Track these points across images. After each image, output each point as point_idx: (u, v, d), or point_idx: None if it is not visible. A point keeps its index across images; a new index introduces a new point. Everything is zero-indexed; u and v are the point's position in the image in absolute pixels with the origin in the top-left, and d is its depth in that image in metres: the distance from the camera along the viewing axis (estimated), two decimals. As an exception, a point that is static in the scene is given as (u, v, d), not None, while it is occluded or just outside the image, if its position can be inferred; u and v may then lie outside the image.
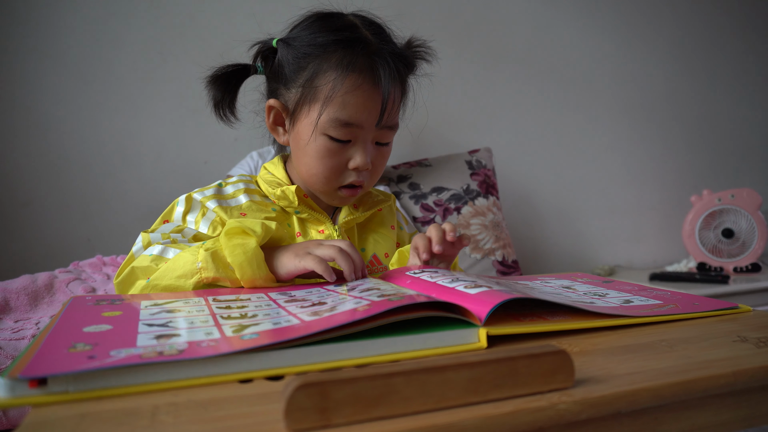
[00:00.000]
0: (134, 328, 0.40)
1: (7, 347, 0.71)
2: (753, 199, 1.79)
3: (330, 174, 0.71)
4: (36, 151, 1.40)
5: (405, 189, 1.47)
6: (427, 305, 0.45)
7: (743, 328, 0.47)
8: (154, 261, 0.63)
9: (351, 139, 0.70)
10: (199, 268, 0.59)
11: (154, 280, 0.61)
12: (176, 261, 0.61)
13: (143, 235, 0.67)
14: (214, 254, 0.59)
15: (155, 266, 0.62)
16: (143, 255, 0.64)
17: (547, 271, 1.88)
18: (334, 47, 0.68)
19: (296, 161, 0.75)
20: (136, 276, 0.63)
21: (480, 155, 1.58)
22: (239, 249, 0.58)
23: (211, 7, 1.52)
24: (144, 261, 0.63)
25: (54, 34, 1.40)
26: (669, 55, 2.10)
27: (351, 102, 0.68)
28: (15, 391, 0.31)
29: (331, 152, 0.70)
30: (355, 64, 0.67)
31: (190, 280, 0.59)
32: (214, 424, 0.29)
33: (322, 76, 0.68)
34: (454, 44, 1.78)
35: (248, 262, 0.58)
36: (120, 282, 0.64)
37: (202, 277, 0.59)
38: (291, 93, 0.72)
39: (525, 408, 0.31)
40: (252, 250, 0.59)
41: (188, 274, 0.59)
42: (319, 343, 0.38)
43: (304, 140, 0.71)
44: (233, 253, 0.58)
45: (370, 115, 0.69)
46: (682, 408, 0.36)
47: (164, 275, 0.61)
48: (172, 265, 0.61)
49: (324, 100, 0.68)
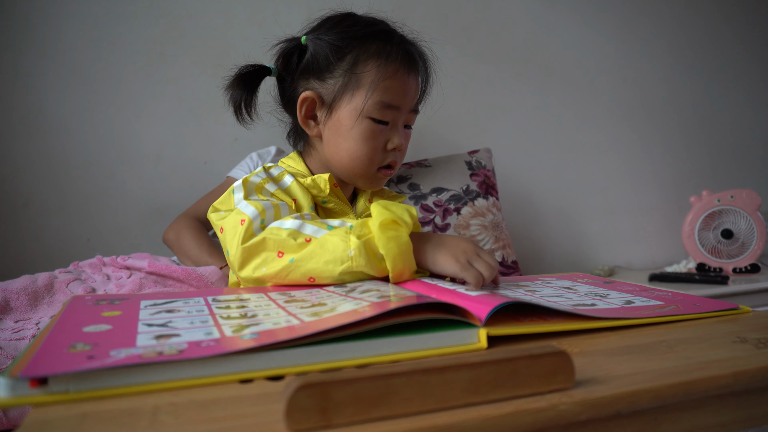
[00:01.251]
0: (134, 328, 0.40)
1: (8, 347, 0.71)
2: (752, 199, 1.80)
3: (373, 155, 0.77)
4: (35, 151, 1.40)
5: (405, 190, 1.47)
6: (426, 306, 0.45)
7: (743, 329, 0.47)
8: (291, 235, 0.61)
9: (389, 122, 0.77)
10: (351, 256, 0.58)
11: (298, 261, 0.59)
12: (324, 244, 0.60)
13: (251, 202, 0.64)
14: (367, 243, 0.59)
15: (293, 240, 0.60)
16: (275, 226, 0.62)
17: (547, 272, 1.88)
18: (372, 38, 0.76)
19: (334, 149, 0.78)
20: (266, 246, 0.61)
21: (480, 156, 1.58)
22: (393, 242, 0.58)
23: (211, 8, 1.52)
24: (278, 233, 0.61)
25: (54, 35, 1.40)
26: (669, 56, 2.10)
27: (393, 86, 0.75)
28: (16, 390, 0.31)
29: (375, 134, 0.76)
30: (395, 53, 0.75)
31: (339, 267, 0.58)
32: (215, 424, 0.29)
33: (363, 64, 0.75)
34: (454, 44, 1.78)
35: (401, 256, 0.58)
36: (247, 248, 0.61)
37: (352, 266, 0.58)
38: (328, 84, 0.77)
39: (525, 409, 0.31)
40: (405, 243, 0.59)
41: (338, 260, 0.58)
42: (319, 344, 0.38)
43: (347, 126, 0.76)
44: (387, 246, 0.58)
45: (408, 98, 0.77)
46: (682, 409, 0.36)
47: (310, 257, 0.59)
48: (319, 248, 0.59)
49: (369, 85, 0.74)
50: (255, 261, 0.62)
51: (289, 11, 1.56)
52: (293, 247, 0.60)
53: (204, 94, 1.49)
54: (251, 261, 0.62)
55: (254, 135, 0.83)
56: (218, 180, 1.38)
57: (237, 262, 0.62)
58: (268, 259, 0.61)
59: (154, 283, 0.92)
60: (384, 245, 0.58)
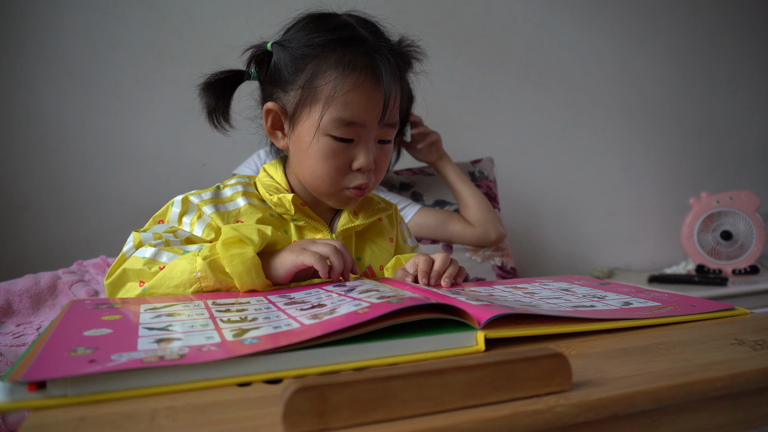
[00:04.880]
0: (134, 332, 0.40)
1: (8, 354, 0.71)
2: (751, 201, 1.80)
3: (335, 174, 0.71)
4: (34, 153, 1.40)
5: (408, 198, 1.47)
6: (425, 308, 0.45)
7: (740, 331, 0.47)
8: (147, 264, 0.62)
9: (354, 139, 0.69)
10: (198, 277, 0.59)
11: (150, 289, 0.61)
12: (173, 269, 0.60)
13: (135, 234, 0.66)
14: (212, 263, 0.59)
15: (148, 270, 0.62)
16: (135, 256, 0.64)
17: (546, 274, 1.88)
18: (332, 46, 0.68)
19: (297, 165, 0.74)
20: (128, 278, 0.62)
21: (482, 166, 1.57)
22: (237, 259, 0.58)
23: (209, 9, 1.52)
24: (136, 263, 0.62)
25: (53, 37, 1.40)
26: (668, 58, 2.11)
27: (353, 101, 0.67)
28: (14, 394, 0.31)
29: (335, 152, 0.69)
30: (355, 63, 0.67)
31: (188, 289, 0.59)
32: (213, 427, 0.29)
33: (322, 77, 0.68)
34: (453, 48, 1.78)
35: (247, 272, 0.59)
36: (111, 283, 0.63)
37: (201, 287, 0.59)
38: (290, 96, 0.71)
39: (523, 411, 0.31)
40: (250, 260, 0.59)
41: (186, 283, 0.59)
42: (317, 347, 0.38)
43: (306, 142, 0.70)
44: (232, 263, 0.58)
45: (372, 113, 0.69)
46: (679, 411, 0.36)
47: (160, 284, 0.60)
48: (169, 274, 0.60)
49: (325, 100, 0.67)
50: (120, 293, 0.63)
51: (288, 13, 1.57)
52: (149, 275, 0.61)
53: (203, 96, 1.49)
54: (117, 294, 0.63)
55: (253, 137, 0.83)
56: (217, 180, 1.38)
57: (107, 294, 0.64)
58: (130, 289, 0.62)
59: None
60: (228, 263, 0.58)
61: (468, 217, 1.35)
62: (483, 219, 1.33)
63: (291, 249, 0.62)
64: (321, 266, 0.60)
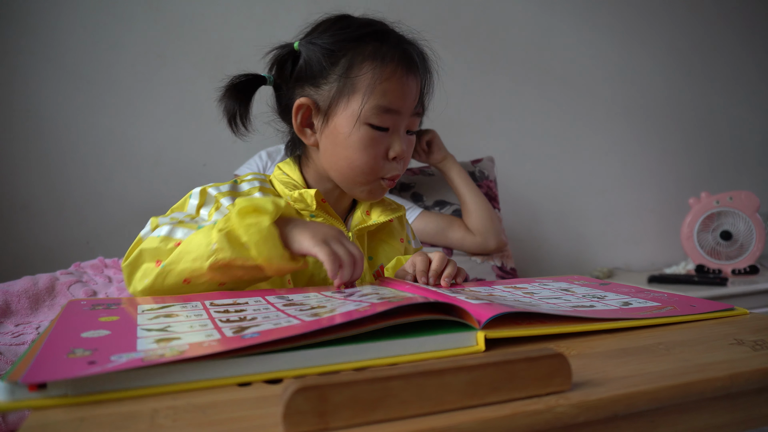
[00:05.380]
0: (133, 332, 0.40)
1: (8, 352, 0.71)
2: (751, 201, 1.80)
3: (374, 163, 0.73)
4: (34, 153, 1.40)
5: (408, 199, 1.47)
6: (426, 307, 0.45)
7: (740, 331, 0.47)
8: (162, 242, 0.61)
9: (389, 127, 0.72)
10: (214, 249, 0.57)
11: (168, 265, 0.59)
12: (189, 243, 0.59)
13: (152, 219, 0.65)
14: (229, 234, 0.58)
15: (164, 247, 0.61)
16: (151, 237, 0.63)
17: (546, 274, 1.88)
18: (366, 39, 0.72)
19: (331, 158, 0.74)
20: (143, 259, 0.62)
21: (483, 165, 1.57)
22: (254, 228, 0.57)
23: (209, 10, 1.52)
24: (152, 242, 0.62)
25: (53, 37, 1.40)
26: (667, 58, 2.11)
27: (391, 89, 0.70)
28: (14, 394, 0.31)
29: (374, 141, 0.72)
30: (392, 53, 0.71)
31: (206, 262, 0.58)
32: (213, 427, 0.29)
33: (359, 68, 0.71)
34: (453, 48, 1.78)
35: (264, 241, 0.57)
36: (128, 265, 0.62)
37: (218, 259, 0.57)
38: (323, 90, 0.73)
39: (522, 411, 0.31)
40: (266, 228, 0.57)
41: (203, 256, 0.58)
42: (317, 346, 0.38)
43: (343, 133, 0.72)
44: (248, 232, 0.57)
45: (408, 100, 0.72)
46: (678, 411, 0.36)
47: (178, 258, 0.59)
48: (185, 248, 0.59)
49: (365, 89, 0.70)
50: (137, 275, 0.62)
51: (287, 14, 1.57)
52: (165, 252, 0.60)
53: (203, 96, 1.49)
54: (134, 275, 0.62)
55: (253, 137, 0.82)
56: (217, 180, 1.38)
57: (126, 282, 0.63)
58: (148, 270, 0.61)
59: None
60: (245, 232, 0.57)
61: (469, 223, 1.35)
62: (483, 228, 1.33)
63: (313, 235, 0.60)
64: (332, 268, 0.58)
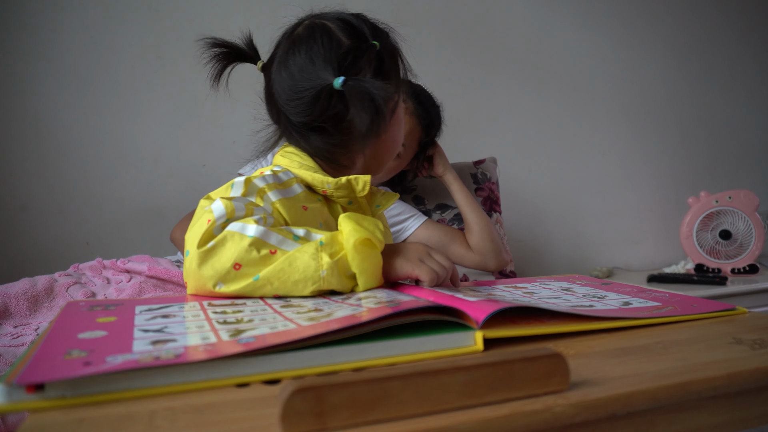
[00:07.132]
0: (129, 333, 0.40)
1: (7, 354, 0.70)
2: (750, 200, 1.80)
3: None
4: (33, 154, 1.40)
5: (409, 202, 1.46)
6: (423, 309, 0.45)
7: (738, 330, 0.47)
8: (253, 245, 0.55)
9: None
10: (323, 276, 0.55)
11: (264, 280, 0.55)
12: (293, 263, 0.55)
13: (222, 201, 0.59)
14: (340, 263, 0.56)
15: (256, 253, 0.55)
16: (238, 233, 0.56)
17: (546, 273, 1.88)
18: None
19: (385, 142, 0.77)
20: (226, 257, 0.55)
21: (485, 167, 1.56)
22: (368, 262, 0.57)
23: (209, 11, 1.52)
24: (241, 242, 0.55)
25: (52, 38, 1.40)
26: (667, 57, 2.11)
27: None
28: (12, 396, 0.31)
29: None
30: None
31: (310, 287, 0.55)
32: (211, 428, 0.29)
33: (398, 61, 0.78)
34: (453, 48, 1.79)
35: (375, 275, 0.58)
36: (204, 252, 0.55)
37: (323, 285, 0.55)
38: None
39: (521, 411, 0.31)
40: (378, 263, 0.58)
41: (308, 280, 0.55)
42: (315, 347, 0.38)
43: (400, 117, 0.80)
44: (362, 266, 0.56)
45: None
46: (677, 410, 0.36)
47: (278, 277, 0.55)
48: (287, 266, 0.55)
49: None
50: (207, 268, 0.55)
51: (287, 14, 1.56)
52: (255, 260, 0.55)
53: (202, 96, 1.49)
54: (206, 264, 0.55)
55: (252, 138, 0.82)
56: (217, 181, 1.38)
57: (194, 264, 0.55)
58: (229, 274, 0.55)
59: (154, 287, 0.92)
60: (358, 265, 0.56)
61: (470, 241, 1.34)
62: (484, 248, 1.32)
63: (406, 256, 0.61)
64: (432, 284, 0.58)
